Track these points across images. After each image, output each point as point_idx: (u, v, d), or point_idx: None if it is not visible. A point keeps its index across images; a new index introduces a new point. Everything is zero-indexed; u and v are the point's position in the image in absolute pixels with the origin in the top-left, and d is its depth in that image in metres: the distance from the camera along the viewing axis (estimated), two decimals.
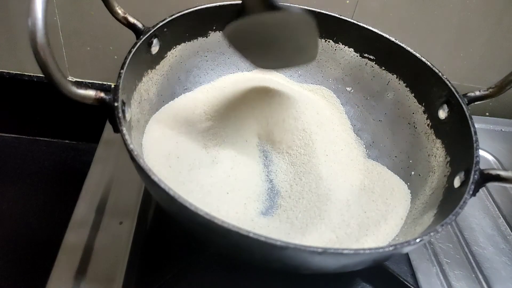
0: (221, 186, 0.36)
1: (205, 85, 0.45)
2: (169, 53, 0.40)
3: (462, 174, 0.33)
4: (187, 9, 0.39)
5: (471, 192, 0.30)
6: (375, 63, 0.45)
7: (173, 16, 0.38)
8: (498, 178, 0.31)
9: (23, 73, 0.56)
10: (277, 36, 0.36)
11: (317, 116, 0.43)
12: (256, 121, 0.42)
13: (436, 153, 0.39)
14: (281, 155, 0.41)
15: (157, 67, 0.39)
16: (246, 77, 0.46)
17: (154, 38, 0.37)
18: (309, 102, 0.44)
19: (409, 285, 0.38)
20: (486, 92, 0.37)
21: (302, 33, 0.35)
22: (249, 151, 0.40)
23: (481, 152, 0.45)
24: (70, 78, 0.57)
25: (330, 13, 0.44)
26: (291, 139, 0.41)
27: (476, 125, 0.34)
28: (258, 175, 0.39)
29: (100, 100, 0.28)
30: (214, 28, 0.43)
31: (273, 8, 0.32)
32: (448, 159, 0.37)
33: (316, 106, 0.44)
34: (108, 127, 0.49)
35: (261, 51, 0.37)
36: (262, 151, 0.41)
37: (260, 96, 0.43)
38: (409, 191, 0.39)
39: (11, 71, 0.56)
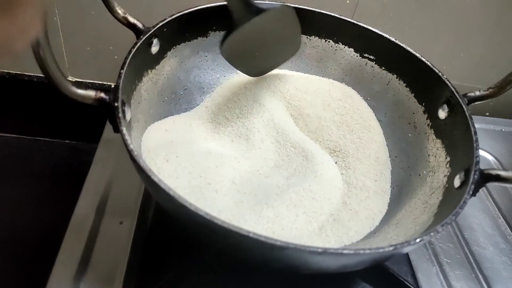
0: (226, 189, 0.36)
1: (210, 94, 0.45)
2: (169, 53, 0.40)
3: (462, 174, 0.33)
4: (187, 9, 0.39)
5: (471, 192, 0.30)
6: (375, 63, 0.45)
7: (173, 16, 0.38)
8: (498, 178, 0.31)
9: (23, 73, 0.56)
10: (266, 39, 0.38)
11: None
12: (261, 120, 0.42)
13: (436, 153, 0.39)
14: (287, 153, 0.41)
15: (157, 67, 0.39)
16: (247, 76, 0.46)
17: (154, 38, 0.37)
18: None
19: (409, 285, 0.38)
20: (486, 92, 0.37)
21: (286, 27, 0.38)
22: (253, 153, 0.40)
23: (481, 152, 0.45)
24: (70, 78, 0.57)
25: (330, 13, 0.44)
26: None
27: (476, 125, 0.34)
28: (266, 179, 0.39)
29: (100, 100, 0.28)
30: (214, 28, 0.43)
31: (256, 12, 0.35)
32: (448, 159, 0.37)
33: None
34: (108, 127, 0.49)
35: (253, 60, 0.40)
36: (271, 153, 0.41)
37: (267, 92, 0.44)
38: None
39: (11, 71, 0.56)
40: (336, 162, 0.41)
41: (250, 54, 0.40)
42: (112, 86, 0.30)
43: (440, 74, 0.39)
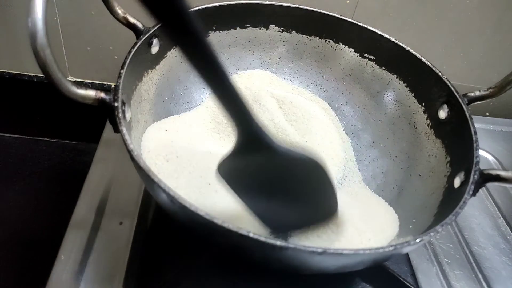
0: (226, 189, 0.36)
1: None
2: (169, 53, 0.40)
3: (462, 174, 0.33)
4: None
5: (471, 192, 0.30)
6: (375, 63, 0.45)
7: None
8: (498, 178, 0.31)
9: (23, 73, 0.56)
10: (285, 188, 0.30)
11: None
12: (261, 120, 0.42)
13: (436, 153, 0.39)
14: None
15: (157, 67, 0.39)
16: (247, 76, 0.46)
17: (154, 38, 0.37)
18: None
19: (409, 285, 0.38)
20: (486, 92, 0.37)
21: (313, 181, 0.29)
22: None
23: (481, 152, 0.45)
24: (70, 78, 0.57)
25: (330, 13, 0.44)
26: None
27: (476, 125, 0.34)
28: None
29: (100, 100, 0.28)
30: (214, 28, 0.43)
31: (271, 151, 0.26)
32: (448, 159, 0.37)
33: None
34: (108, 127, 0.49)
35: (268, 204, 0.31)
36: None
37: (267, 92, 0.43)
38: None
39: (11, 71, 0.56)
40: None
41: (260, 193, 0.31)
42: (112, 86, 0.30)
43: (440, 74, 0.39)
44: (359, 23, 0.43)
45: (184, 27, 0.19)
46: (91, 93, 0.28)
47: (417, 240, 0.27)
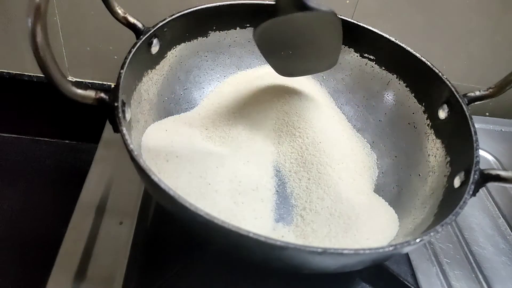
0: (226, 189, 0.36)
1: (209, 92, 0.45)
2: (169, 53, 0.40)
3: (462, 174, 0.33)
4: (187, 9, 0.39)
5: (471, 192, 0.30)
6: (375, 63, 0.45)
7: (173, 16, 0.38)
8: (498, 178, 0.31)
9: (23, 73, 0.56)
10: (303, 39, 0.36)
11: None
12: (267, 119, 0.42)
13: (436, 153, 0.39)
14: (292, 159, 0.40)
15: (157, 67, 0.39)
16: (247, 76, 0.46)
17: (154, 38, 0.37)
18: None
19: (409, 285, 0.38)
20: (486, 92, 0.37)
21: (327, 36, 0.36)
22: (255, 157, 0.40)
23: (481, 152, 0.45)
24: (70, 78, 0.57)
25: None
26: (302, 144, 0.41)
27: (476, 125, 0.34)
28: (266, 180, 0.39)
29: (100, 100, 0.28)
30: (214, 28, 0.43)
31: (304, 8, 0.33)
32: (448, 159, 0.37)
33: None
34: (108, 127, 0.49)
35: (285, 57, 0.38)
36: (270, 154, 0.41)
37: (269, 97, 0.43)
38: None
39: (11, 71, 0.56)
40: None
41: (282, 48, 0.38)
42: (112, 86, 0.30)
43: (440, 74, 0.39)
44: (359, 23, 0.43)
45: None
46: (91, 93, 0.28)
47: (417, 240, 0.27)
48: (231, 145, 0.41)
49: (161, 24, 0.37)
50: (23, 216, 0.53)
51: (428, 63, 0.40)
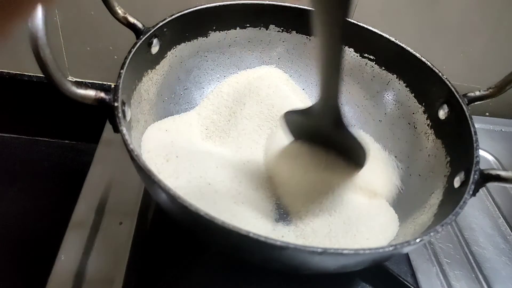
0: (226, 189, 0.36)
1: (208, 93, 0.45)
2: (169, 53, 0.40)
3: (462, 174, 0.33)
4: (187, 9, 0.39)
5: (471, 192, 0.30)
6: (375, 63, 0.45)
7: (173, 16, 0.38)
8: (498, 178, 0.31)
9: (23, 73, 0.56)
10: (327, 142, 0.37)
11: None
12: (267, 119, 0.42)
13: (436, 153, 0.39)
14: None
15: (157, 67, 0.39)
16: (247, 76, 0.46)
17: (154, 38, 0.37)
18: None
19: (409, 285, 0.38)
20: (486, 92, 0.37)
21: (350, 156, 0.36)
22: (255, 157, 0.40)
23: (481, 152, 0.45)
24: (70, 78, 0.57)
25: None
26: None
27: (476, 125, 0.34)
28: (266, 180, 0.39)
29: (100, 100, 0.28)
30: (214, 28, 0.43)
31: (338, 126, 0.33)
32: (448, 159, 0.37)
33: None
34: (108, 127, 0.49)
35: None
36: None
37: (269, 92, 0.43)
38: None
39: (11, 71, 0.56)
40: None
41: (304, 136, 0.39)
42: (112, 86, 0.30)
43: (440, 74, 0.39)
44: (359, 23, 0.43)
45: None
46: (91, 93, 0.28)
47: (417, 240, 0.27)
48: (231, 145, 0.41)
49: (161, 24, 0.37)
50: (23, 216, 0.53)
51: (428, 63, 0.40)
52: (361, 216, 0.36)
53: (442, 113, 0.39)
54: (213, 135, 0.42)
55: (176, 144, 0.38)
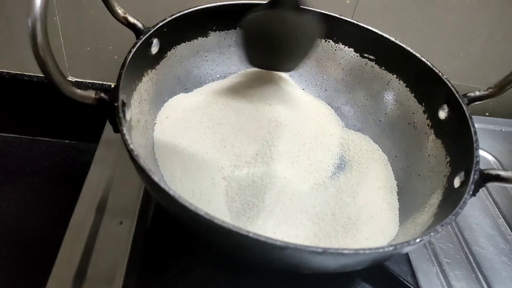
0: (227, 191, 0.35)
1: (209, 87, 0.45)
2: (169, 53, 0.40)
3: (462, 174, 0.33)
4: (187, 9, 0.39)
5: (471, 192, 0.30)
6: (375, 63, 0.45)
7: (173, 16, 0.38)
8: (498, 178, 0.31)
9: (23, 73, 0.56)
10: (283, 36, 0.38)
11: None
12: (268, 120, 0.42)
13: (436, 153, 0.39)
14: (293, 160, 0.40)
15: (157, 67, 0.39)
16: (247, 76, 0.46)
17: (154, 38, 0.37)
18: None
19: (409, 285, 0.38)
20: (486, 92, 0.37)
21: (301, 40, 0.37)
22: (256, 157, 0.40)
23: (481, 152, 0.45)
24: (70, 78, 0.57)
25: (330, 13, 0.44)
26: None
27: (476, 125, 0.34)
28: (267, 181, 0.38)
29: (100, 100, 0.28)
30: (214, 28, 0.43)
31: (296, 8, 0.35)
32: (448, 159, 0.37)
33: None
34: (108, 127, 0.49)
35: (260, 48, 0.39)
36: (269, 156, 0.41)
37: (270, 91, 0.44)
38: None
39: (11, 71, 0.56)
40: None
41: (262, 39, 0.40)
42: (112, 86, 0.30)
43: (440, 74, 0.39)
44: (359, 23, 0.43)
45: None
46: (91, 93, 0.28)
47: (417, 240, 0.27)
48: (231, 145, 0.41)
49: (161, 24, 0.37)
50: (23, 216, 0.53)
51: (428, 63, 0.40)
52: (361, 216, 0.36)
53: (442, 113, 0.39)
54: (213, 135, 0.41)
55: (176, 144, 0.38)
